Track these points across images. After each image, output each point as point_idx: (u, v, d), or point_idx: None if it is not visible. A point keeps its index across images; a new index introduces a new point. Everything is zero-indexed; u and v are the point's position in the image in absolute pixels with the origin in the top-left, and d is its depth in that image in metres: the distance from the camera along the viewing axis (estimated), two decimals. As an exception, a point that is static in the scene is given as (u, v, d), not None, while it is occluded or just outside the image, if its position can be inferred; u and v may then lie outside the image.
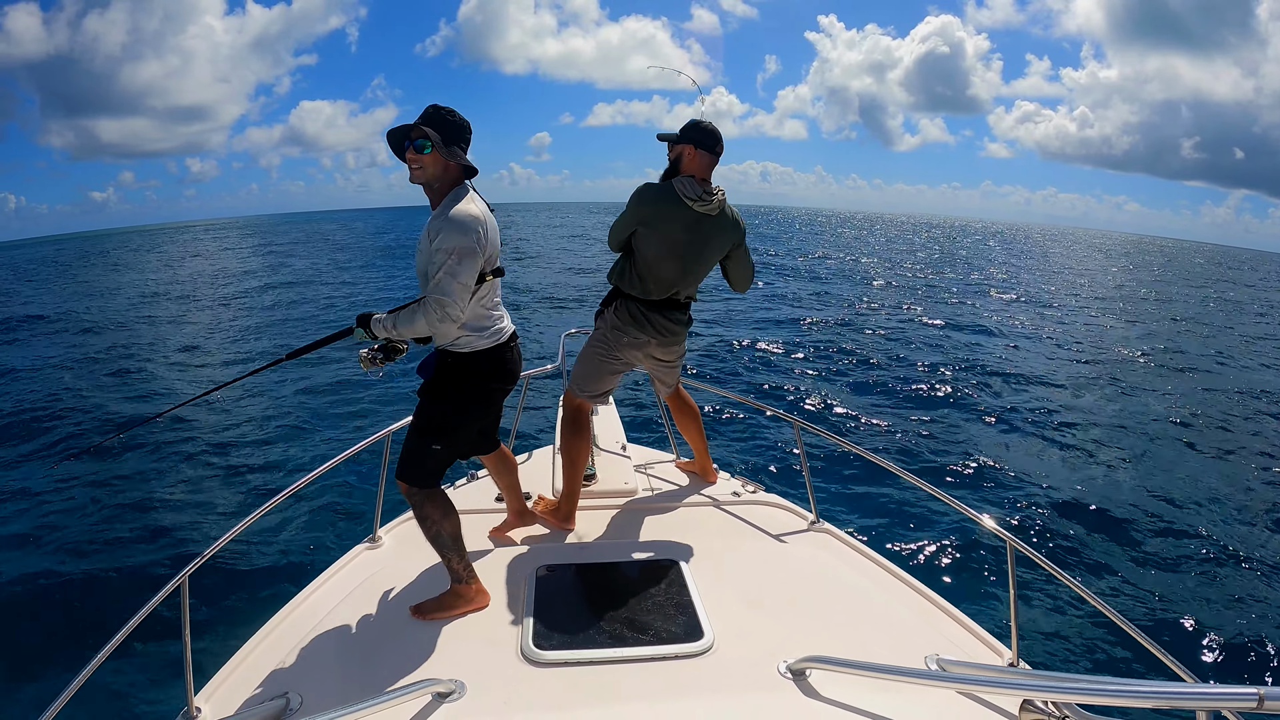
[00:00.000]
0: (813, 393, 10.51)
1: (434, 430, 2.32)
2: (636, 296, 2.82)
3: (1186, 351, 15.85)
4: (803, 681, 1.90)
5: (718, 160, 2.77)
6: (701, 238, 2.74)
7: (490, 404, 2.45)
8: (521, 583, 2.42)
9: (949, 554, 5.73)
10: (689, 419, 3.34)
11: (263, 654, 2.13)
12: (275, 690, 1.92)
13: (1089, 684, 1.45)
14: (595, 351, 2.93)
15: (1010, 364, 13.14)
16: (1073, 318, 20.37)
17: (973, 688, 1.86)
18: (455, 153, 2.20)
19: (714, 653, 2.04)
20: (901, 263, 37.87)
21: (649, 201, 2.70)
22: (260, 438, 8.57)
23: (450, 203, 2.17)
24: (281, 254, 43.74)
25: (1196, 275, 50.02)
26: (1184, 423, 10.06)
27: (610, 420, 3.92)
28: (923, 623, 2.33)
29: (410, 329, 2.18)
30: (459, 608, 2.26)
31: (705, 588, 2.36)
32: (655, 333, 2.85)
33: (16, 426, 9.19)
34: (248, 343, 15.15)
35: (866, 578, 2.62)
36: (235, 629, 2.40)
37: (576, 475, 2.94)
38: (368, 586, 2.45)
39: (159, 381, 11.73)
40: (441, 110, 2.21)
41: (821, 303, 20.51)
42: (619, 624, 2.15)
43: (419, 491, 2.30)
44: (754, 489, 3.32)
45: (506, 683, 1.92)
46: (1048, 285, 30.31)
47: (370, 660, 2.05)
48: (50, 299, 24.69)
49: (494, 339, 2.34)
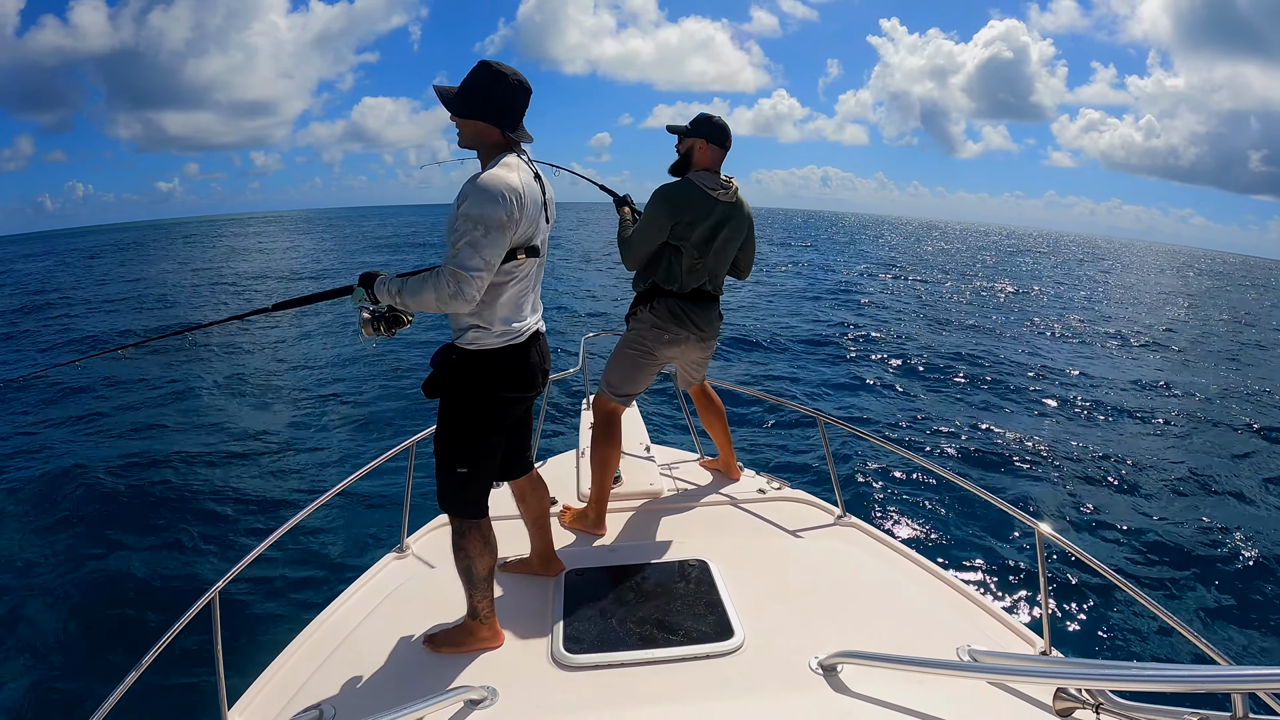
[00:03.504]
0: (836, 388, 10.46)
1: (452, 447, 2.06)
2: (674, 292, 2.80)
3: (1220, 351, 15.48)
4: (834, 677, 1.89)
5: (726, 153, 2.80)
6: (726, 227, 2.78)
7: (501, 416, 2.09)
8: (550, 587, 2.43)
9: (978, 545, 5.67)
10: (713, 415, 3.33)
11: (295, 667, 2.15)
12: (308, 703, 1.94)
13: (1122, 670, 1.43)
14: (632, 352, 2.89)
15: (1038, 358, 12.99)
16: (1113, 315, 20.06)
17: (1005, 677, 1.84)
18: (477, 114, 1.99)
19: (745, 651, 2.04)
20: (941, 266, 37.30)
21: (680, 200, 2.71)
22: (287, 447, 8.66)
23: (490, 168, 1.95)
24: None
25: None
26: (1216, 404, 9.89)
27: (633, 421, 3.92)
28: (953, 614, 2.31)
29: (416, 300, 1.91)
30: (471, 646, 2.11)
31: (734, 586, 2.36)
32: (695, 328, 2.84)
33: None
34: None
35: (895, 571, 2.60)
36: (267, 642, 2.42)
37: (607, 481, 2.91)
38: (397, 597, 2.46)
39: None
40: (478, 68, 1.99)
41: (848, 300, 20.39)
42: (649, 625, 2.15)
43: (461, 522, 2.10)
44: (779, 485, 3.30)
45: (538, 688, 1.93)
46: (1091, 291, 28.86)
47: (402, 671, 2.06)
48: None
49: (508, 338, 2.02)
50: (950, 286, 26.32)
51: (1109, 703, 1.63)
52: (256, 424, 9.54)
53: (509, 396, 2.08)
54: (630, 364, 2.89)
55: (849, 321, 15.99)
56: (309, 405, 10.35)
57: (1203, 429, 9.04)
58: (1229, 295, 37.64)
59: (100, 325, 17.46)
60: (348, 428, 9.34)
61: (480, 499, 2.11)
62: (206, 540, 6.26)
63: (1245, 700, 1.20)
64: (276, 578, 5.41)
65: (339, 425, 9.43)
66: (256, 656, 2.27)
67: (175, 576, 5.66)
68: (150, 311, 19.65)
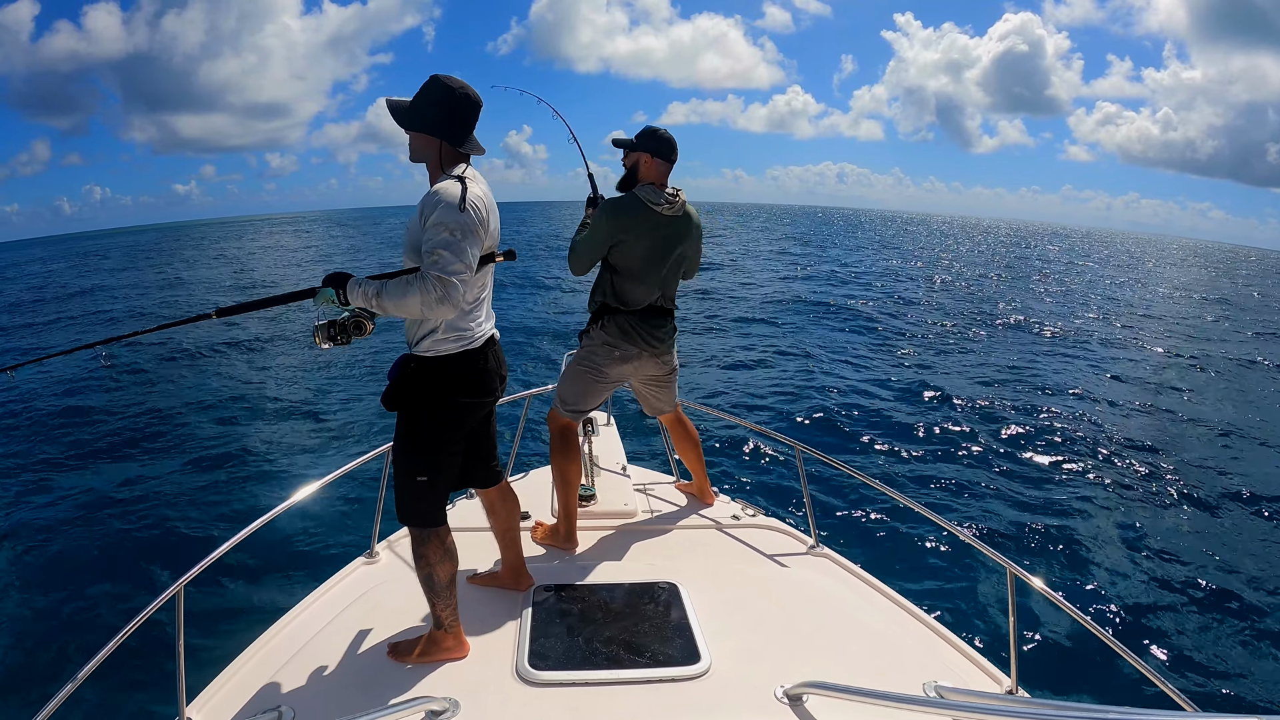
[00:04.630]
0: (813, 417, 10.50)
1: (411, 456, 2.08)
2: (623, 309, 2.84)
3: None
4: (799, 707, 1.89)
5: (672, 166, 2.85)
6: (674, 240, 2.83)
7: (460, 423, 2.12)
8: (518, 602, 2.41)
9: (948, 580, 5.69)
10: (688, 443, 3.35)
11: (257, 667, 2.13)
12: (268, 704, 1.91)
13: (1089, 713, 1.44)
14: (583, 369, 2.93)
15: (1022, 384, 13.11)
16: (1091, 328, 20.25)
17: (972, 715, 1.85)
18: (429, 128, 2.03)
19: (711, 676, 2.03)
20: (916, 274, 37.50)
21: (624, 214, 2.75)
22: (259, 449, 8.57)
23: (442, 180, 1.97)
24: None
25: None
26: (1200, 426, 9.93)
27: (610, 441, 3.92)
28: (921, 649, 2.32)
29: (398, 304, 1.88)
30: (435, 655, 2.11)
31: (703, 610, 2.35)
32: (645, 344, 2.87)
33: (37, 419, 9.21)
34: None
35: (865, 602, 2.61)
36: (230, 641, 2.38)
37: (571, 494, 2.93)
38: (364, 602, 2.44)
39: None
40: (429, 83, 2.03)
41: (831, 318, 20.47)
42: (616, 645, 2.14)
43: (420, 531, 2.11)
44: (754, 512, 3.31)
45: (501, 702, 1.91)
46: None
47: (365, 677, 2.04)
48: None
49: (462, 344, 2.05)
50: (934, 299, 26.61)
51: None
52: (228, 427, 9.45)
53: (467, 402, 2.11)
54: (581, 380, 2.93)
55: (832, 340, 16.08)
56: (282, 410, 10.26)
57: (1182, 469, 9.13)
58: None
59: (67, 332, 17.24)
60: (322, 434, 9.27)
61: (439, 507, 2.13)
62: (173, 539, 6.17)
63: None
64: (242, 578, 5.34)
65: (313, 431, 9.36)
66: (218, 655, 2.23)
67: (138, 574, 5.57)
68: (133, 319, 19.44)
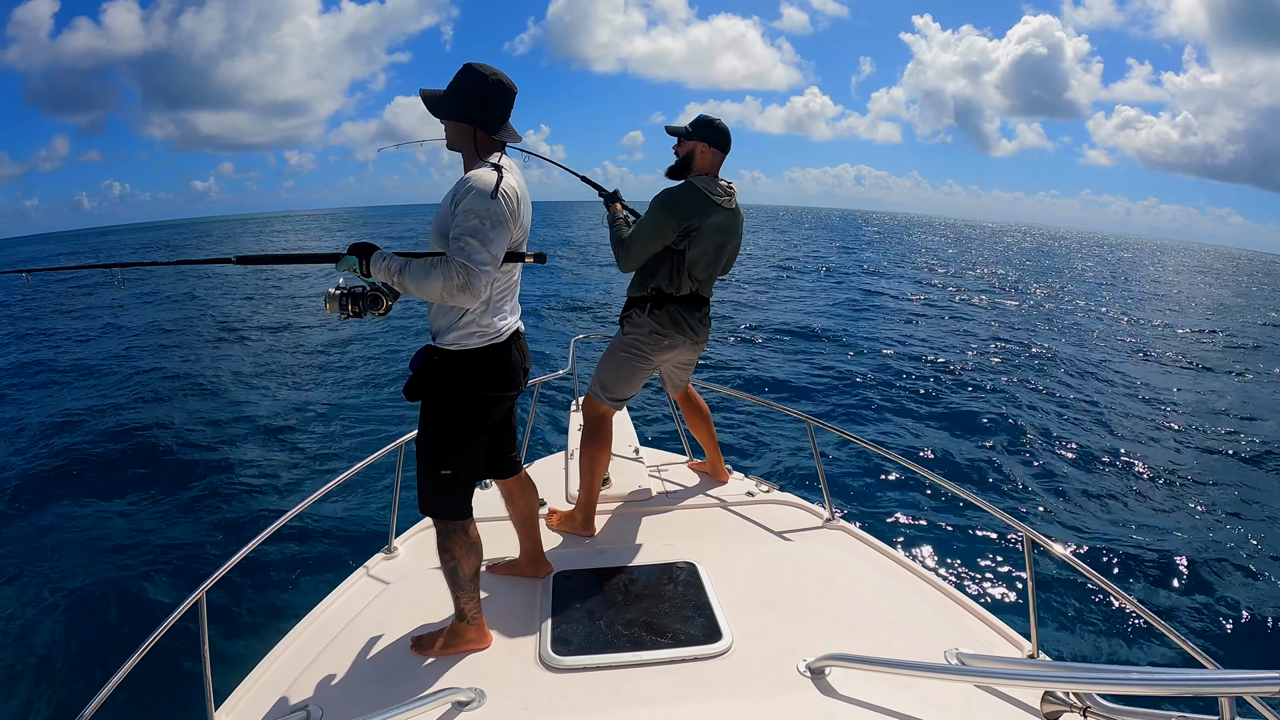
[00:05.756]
0: (825, 390, 10.48)
1: (435, 449, 2.06)
2: (676, 297, 2.79)
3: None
4: (821, 680, 1.89)
5: (725, 158, 2.80)
6: (729, 232, 2.80)
7: (483, 416, 2.10)
8: (539, 589, 2.43)
9: (966, 549, 5.69)
10: (699, 418, 3.34)
11: (282, 668, 2.15)
12: (295, 705, 1.93)
13: (1110, 673, 1.44)
14: (627, 356, 2.85)
15: (1031, 355, 13.06)
16: (1103, 313, 20.13)
17: (993, 681, 1.85)
18: (465, 117, 2.01)
19: (732, 653, 2.04)
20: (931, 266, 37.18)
21: (688, 206, 2.67)
22: (274, 446, 8.61)
23: (478, 168, 1.96)
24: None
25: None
26: (1220, 414, 9.90)
27: (622, 424, 3.91)
28: (941, 618, 2.32)
29: (419, 285, 1.84)
30: (458, 647, 2.11)
31: (722, 588, 2.36)
32: (690, 333, 2.84)
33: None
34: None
35: (883, 574, 2.61)
36: (254, 643, 2.41)
37: (596, 484, 2.91)
38: (385, 598, 2.46)
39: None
40: (463, 71, 2.01)
41: (843, 300, 20.41)
42: (637, 627, 2.15)
43: (445, 524, 2.10)
44: (768, 488, 3.31)
45: (526, 689, 1.92)
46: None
47: (389, 672, 2.05)
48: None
49: (489, 338, 2.03)
50: (953, 289, 26.39)
51: (1096, 706, 1.63)
52: (244, 425, 9.48)
53: (491, 396, 2.08)
54: (624, 368, 2.86)
55: (844, 326, 16.03)
56: (296, 407, 10.29)
57: (1200, 437, 9.08)
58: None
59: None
60: (337, 429, 9.29)
61: (464, 500, 2.11)
62: (193, 541, 6.21)
63: (1233, 704, 1.21)
64: (264, 579, 5.37)
65: (328, 427, 9.39)
66: (243, 657, 2.26)
67: (163, 578, 5.62)
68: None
